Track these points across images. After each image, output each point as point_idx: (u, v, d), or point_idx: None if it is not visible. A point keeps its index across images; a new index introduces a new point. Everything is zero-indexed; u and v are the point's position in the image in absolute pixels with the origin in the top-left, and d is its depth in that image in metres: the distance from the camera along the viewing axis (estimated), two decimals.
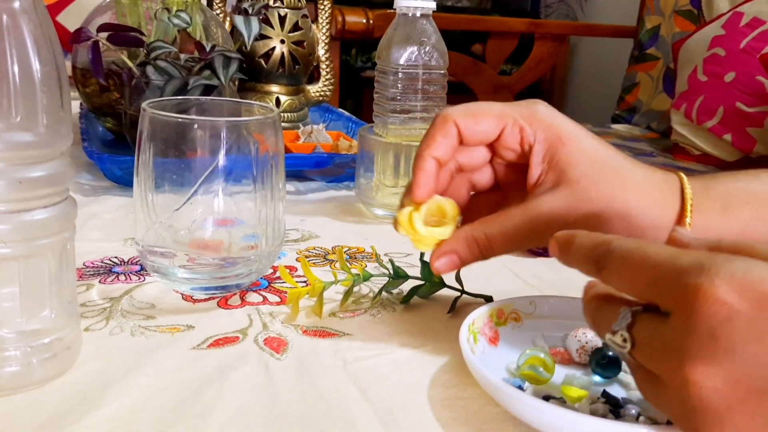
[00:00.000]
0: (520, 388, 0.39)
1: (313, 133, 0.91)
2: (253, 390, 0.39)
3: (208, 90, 0.74)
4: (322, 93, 1.11)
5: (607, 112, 2.11)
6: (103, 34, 0.78)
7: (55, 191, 0.36)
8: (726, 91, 1.48)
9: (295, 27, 1.02)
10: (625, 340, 0.31)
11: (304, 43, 1.03)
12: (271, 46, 1.01)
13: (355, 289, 0.52)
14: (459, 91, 1.85)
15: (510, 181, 0.46)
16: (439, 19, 0.71)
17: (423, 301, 0.52)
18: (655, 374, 0.30)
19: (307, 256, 0.60)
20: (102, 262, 0.55)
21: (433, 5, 0.70)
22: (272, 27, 1.01)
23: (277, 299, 0.51)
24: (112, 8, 0.89)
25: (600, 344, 0.42)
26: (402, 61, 0.69)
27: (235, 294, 0.51)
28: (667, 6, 1.81)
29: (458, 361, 0.43)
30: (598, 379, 0.41)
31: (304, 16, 1.03)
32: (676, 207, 0.42)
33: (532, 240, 0.42)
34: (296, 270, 0.57)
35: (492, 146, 0.45)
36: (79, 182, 0.77)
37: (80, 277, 0.52)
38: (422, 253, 0.53)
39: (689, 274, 0.28)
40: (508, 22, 2.21)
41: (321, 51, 1.11)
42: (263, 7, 0.98)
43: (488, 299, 0.51)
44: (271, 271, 0.55)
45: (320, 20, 1.11)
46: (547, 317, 0.46)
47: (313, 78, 1.13)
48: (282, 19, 1.01)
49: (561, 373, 0.41)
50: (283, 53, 1.01)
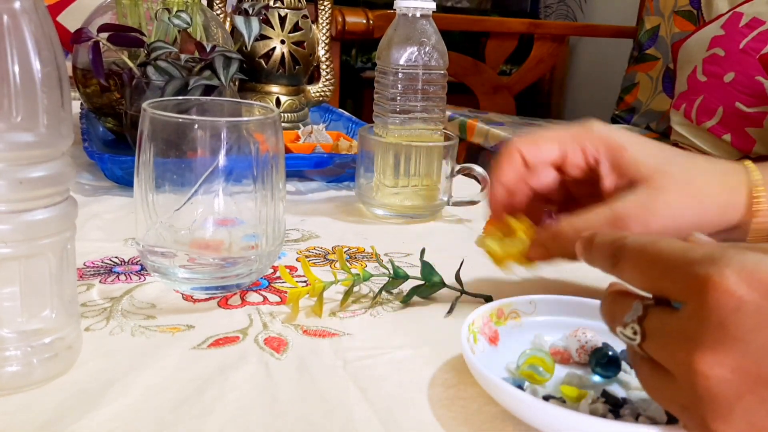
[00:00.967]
0: (520, 387, 0.39)
1: (314, 134, 0.91)
2: (253, 390, 0.39)
3: (208, 90, 0.74)
4: (323, 93, 1.11)
5: (607, 113, 2.11)
6: (104, 35, 0.78)
7: (56, 191, 0.36)
8: (725, 91, 1.48)
9: (296, 27, 1.02)
10: (635, 333, 0.31)
11: (305, 44, 1.03)
12: (272, 47, 1.01)
13: (355, 289, 0.52)
14: (459, 92, 1.86)
15: (584, 194, 0.50)
16: (439, 19, 0.71)
17: (423, 301, 0.52)
18: (662, 366, 0.30)
19: (307, 256, 0.60)
20: (102, 262, 0.55)
21: (433, 6, 0.70)
22: (272, 27, 1.01)
23: (278, 299, 0.51)
24: (113, 9, 0.89)
25: (600, 344, 0.42)
26: (402, 62, 0.70)
27: (235, 294, 0.51)
28: (666, 6, 1.81)
29: (458, 360, 0.43)
30: (598, 379, 0.41)
31: (305, 17, 1.04)
32: (745, 186, 0.45)
33: None
34: (296, 270, 0.57)
35: (559, 167, 0.49)
36: (80, 182, 0.77)
37: (81, 276, 0.52)
38: (422, 253, 0.53)
39: (700, 265, 0.28)
40: (507, 23, 2.21)
41: (321, 51, 1.11)
42: (263, 8, 0.98)
43: (488, 299, 0.51)
44: (272, 271, 0.55)
45: (320, 21, 1.11)
46: (546, 317, 0.46)
47: (313, 78, 1.13)
48: (282, 20, 1.01)
49: (561, 373, 0.41)
50: (283, 53, 1.02)
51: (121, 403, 0.37)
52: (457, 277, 0.52)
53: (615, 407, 0.37)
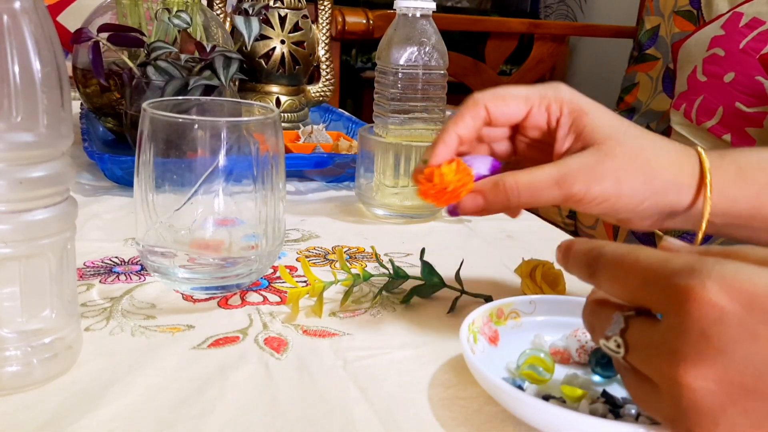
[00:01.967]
0: (520, 387, 0.39)
1: (314, 134, 0.91)
2: (253, 390, 0.39)
3: (208, 90, 0.74)
4: (323, 93, 1.11)
5: None
6: (104, 35, 0.78)
7: (56, 191, 0.36)
8: (725, 91, 1.48)
9: (296, 27, 1.02)
10: (618, 346, 0.31)
11: (305, 44, 1.03)
12: (272, 47, 1.01)
13: (355, 289, 0.52)
14: (459, 92, 1.86)
15: (529, 157, 0.49)
16: (439, 19, 0.71)
17: (423, 301, 0.52)
18: (648, 377, 0.30)
19: (307, 256, 0.60)
20: (102, 262, 0.55)
21: (433, 6, 0.70)
22: (272, 27, 1.01)
23: (278, 299, 0.51)
24: (113, 9, 0.89)
25: None
26: (402, 62, 0.70)
27: (235, 294, 0.51)
28: (666, 6, 1.81)
29: (458, 360, 0.43)
30: (598, 379, 0.41)
31: (305, 17, 1.04)
32: (694, 168, 0.45)
33: (557, 194, 0.43)
34: (296, 270, 0.57)
35: (517, 125, 0.48)
36: (80, 182, 0.77)
37: (81, 276, 0.52)
38: (422, 253, 0.53)
39: (680, 276, 0.28)
40: (507, 23, 2.21)
41: (321, 51, 1.11)
42: (263, 8, 0.98)
43: (488, 299, 0.51)
44: (272, 271, 0.55)
45: (320, 21, 1.11)
46: (547, 317, 0.46)
47: (314, 78, 1.13)
48: (282, 20, 1.01)
49: (561, 373, 0.41)
50: (283, 53, 1.02)
51: (121, 403, 0.37)
52: (457, 277, 0.52)
53: (615, 407, 0.37)
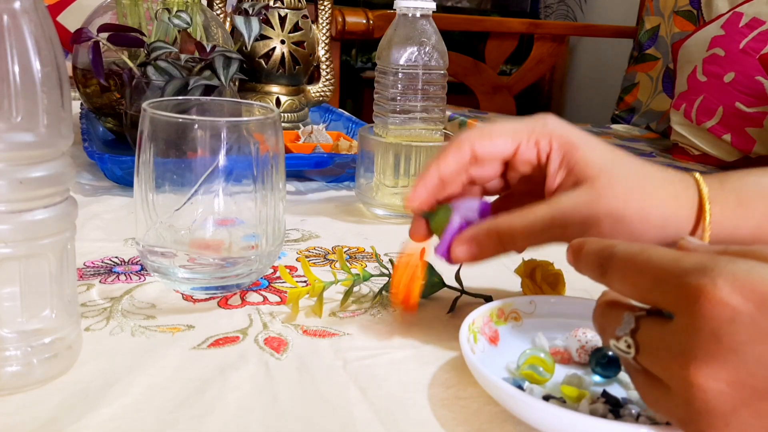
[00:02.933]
0: (520, 387, 0.39)
1: (314, 134, 0.91)
2: (253, 390, 0.39)
3: (208, 90, 0.74)
4: (323, 93, 1.11)
5: (607, 113, 2.11)
6: (104, 35, 0.78)
7: (56, 191, 0.36)
8: (725, 91, 1.48)
9: (296, 27, 1.02)
10: (629, 346, 0.31)
11: (305, 44, 1.03)
12: (272, 47, 1.01)
13: (355, 289, 0.52)
14: (459, 92, 1.86)
15: (521, 191, 0.48)
16: (439, 19, 0.71)
17: (423, 301, 0.52)
18: (658, 378, 0.30)
19: (307, 256, 0.60)
20: (102, 262, 0.55)
21: (433, 6, 0.70)
22: (272, 27, 1.01)
23: (278, 299, 0.51)
24: (113, 9, 0.89)
25: (600, 344, 0.42)
26: (402, 62, 0.70)
27: (235, 294, 0.51)
28: (666, 6, 1.81)
29: (458, 360, 0.43)
30: (598, 379, 0.41)
31: (305, 17, 1.04)
32: (692, 201, 0.43)
33: (552, 235, 0.43)
34: (296, 270, 0.57)
35: (507, 161, 0.46)
36: (80, 182, 0.77)
37: (81, 276, 0.52)
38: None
39: (692, 275, 0.28)
40: (507, 23, 2.21)
41: (321, 51, 1.11)
42: (263, 8, 0.98)
43: (488, 299, 0.51)
44: (272, 271, 0.55)
45: (320, 21, 1.11)
46: (547, 317, 0.46)
47: (314, 78, 1.13)
48: (282, 20, 1.01)
49: (561, 373, 0.41)
50: (283, 54, 1.02)
51: (121, 403, 0.37)
52: (457, 277, 0.52)
53: (615, 407, 0.37)
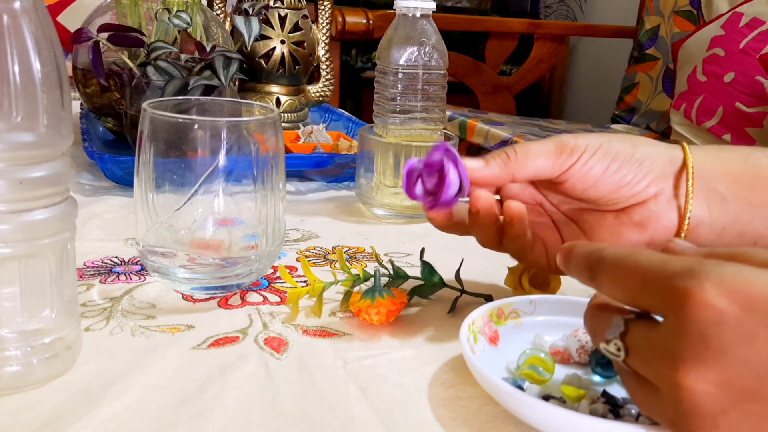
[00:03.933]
0: (520, 387, 0.39)
1: (314, 134, 0.91)
2: (253, 390, 0.39)
3: (208, 90, 0.74)
4: (322, 93, 1.11)
5: (607, 113, 2.12)
6: (104, 35, 0.78)
7: (56, 191, 0.36)
8: (725, 91, 1.48)
9: (296, 27, 1.02)
10: (619, 349, 0.31)
11: (305, 44, 1.03)
12: (272, 47, 1.01)
13: (355, 289, 0.52)
14: (459, 92, 1.86)
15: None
16: (439, 19, 0.71)
17: (423, 301, 0.52)
18: (648, 380, 0.30)
19: (307, 256, 0.60)
20: (102, 262, 0.55)
21: (433, 6, 0.70)
22: (272, 27, 1.01)
23: (278, 299, 0.51)
24: (113, 9, 0.89)
25: None
26: (402, 62, 0.70)
27: (235, 294, 0.51)
28: (666, 6, 1.81)
29: (458, 360, 0.43)
30: (598, 379, 0.41)
31: (305, 17, 1.04)
32: (677, 149, 0.46)
33: (551, 146, 0.45)
34: (296, 270, 0.57)
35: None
36: (80, 182, 0.77)
37: (81, 276, 0.52)
38: (422, 253, 0.53)
39: (679, 278, 0.28)
40: (507, 23, 2.21)
41: (321, 51, 1.11)
42: (263, 8, 0.98)
43: (488, 299, 0.51)
44: (272, 271, 0.55)
45: (320, 21, 1.12)
46: (547, 317, 0.46)
47: (313, 78, 1.13)
48: (282, 20, 1.01)
49: (561, 373, 0.41)
50: (283, 53, 1.02)
51: (121, 403, 0.37)
52: (457, 277, 0.52)
53: (615, 407, 0.37)
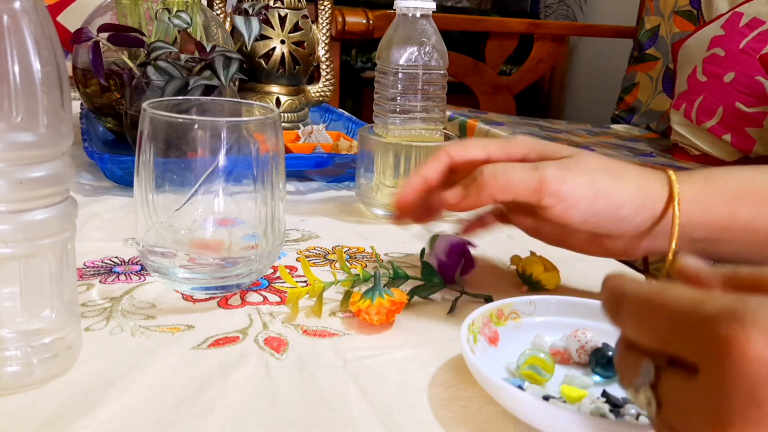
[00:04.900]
0: (520, 387, 0.39)
1: (314, 134, 0.91)
2: (253, 390, 0.39)
3: (208, 90, 0.74)
4: (322, 93, 1.11)
5: (607, 113, 2.11)
6: (104, 35, 0.78)
7: (56, 191, 0.36)
8: (725, 91, 1.48)
9: (296, 27, 1.02)
10: (649, 402, 0.27)
11: (305, 44, 1.03)
12: (272, 47, 1.01)
13: (355, 290, 0.52)
14: (459, 92, 1.86)
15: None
16: (439, 19, 0.71)
17: (423, 301, 0.52)
18: None
19: (307, 256, 0.60)
20: (102, 262, 0.55)
21: (433, 6, 0.70)
22: (272, 27, 1.01)
23: (278, 299, 0.51)
24: (113, 9, 0.89)
25: (600, 344, 0.42)
26: (402, 62, 0.70)
27: (235, 294, 0.51)
28: (666, 6, 1.81)
29: (458, 361, 0.43)
30: (598, 379, 0.41)
31: (305, 17, 1.04)
32: (662, 180, 0.46)
33: (534, 180, 0.45)
34: (296, 270, 0.57)
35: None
36: (80, 182, 0.77)
37: (81, 276, 0.52)
38: (422, 253, 0.53)
39: (718, 322, 0.24)
40: (507, 23, 2.21)
41: (321, 51, 1.11)
42: (263, 8, 0.98)
43: (488, 299, 0.51)
44: (272, 271, 0.55)
45: (320, 21, 1.11)
46: (547, 317, 0.46)
47: (313, 78, 1.13)
48: (282, 20, 1.01)
49: (561, 373, 0.41)
50: (283, 54, 1.02)
51: (121, 403, 0.37)
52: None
53: (615, 407, 0.37)
